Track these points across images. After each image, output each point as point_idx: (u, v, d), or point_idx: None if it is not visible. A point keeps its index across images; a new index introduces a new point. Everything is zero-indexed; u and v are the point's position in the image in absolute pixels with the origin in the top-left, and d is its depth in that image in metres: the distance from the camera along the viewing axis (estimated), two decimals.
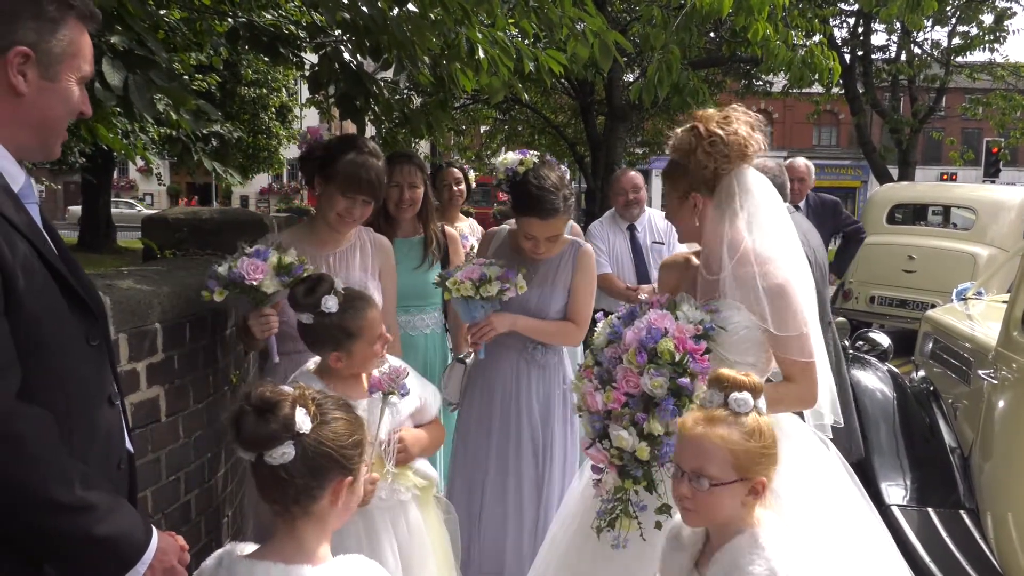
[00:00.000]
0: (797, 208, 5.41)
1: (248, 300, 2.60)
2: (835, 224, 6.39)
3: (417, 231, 3.66)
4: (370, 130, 5.55)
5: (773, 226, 2.29)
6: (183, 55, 6.38)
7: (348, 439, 1.58)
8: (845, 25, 16.56)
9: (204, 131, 3.78)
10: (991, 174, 17.76)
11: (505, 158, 3.07)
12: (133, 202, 35.65)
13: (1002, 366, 3.25)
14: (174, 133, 3.97)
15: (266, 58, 4.06)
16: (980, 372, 3.48)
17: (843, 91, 16.06)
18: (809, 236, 3.82)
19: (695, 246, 2.47)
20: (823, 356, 2.32)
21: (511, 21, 4.10)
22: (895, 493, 3.51)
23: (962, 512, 3.35)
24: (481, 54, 3.45)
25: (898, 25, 14.42)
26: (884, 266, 8.67)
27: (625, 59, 8.23)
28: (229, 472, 3.08)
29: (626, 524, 2.11)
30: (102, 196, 19.13)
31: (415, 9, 3.38)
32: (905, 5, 5.99)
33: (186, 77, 6.31)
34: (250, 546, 1.62)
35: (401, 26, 3.27)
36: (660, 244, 5.01)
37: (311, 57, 3.93)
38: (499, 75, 3.62)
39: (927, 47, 17.92)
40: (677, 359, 2.03)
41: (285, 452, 1.50)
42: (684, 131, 2.28)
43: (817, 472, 2.25)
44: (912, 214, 9.94)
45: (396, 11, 3.36)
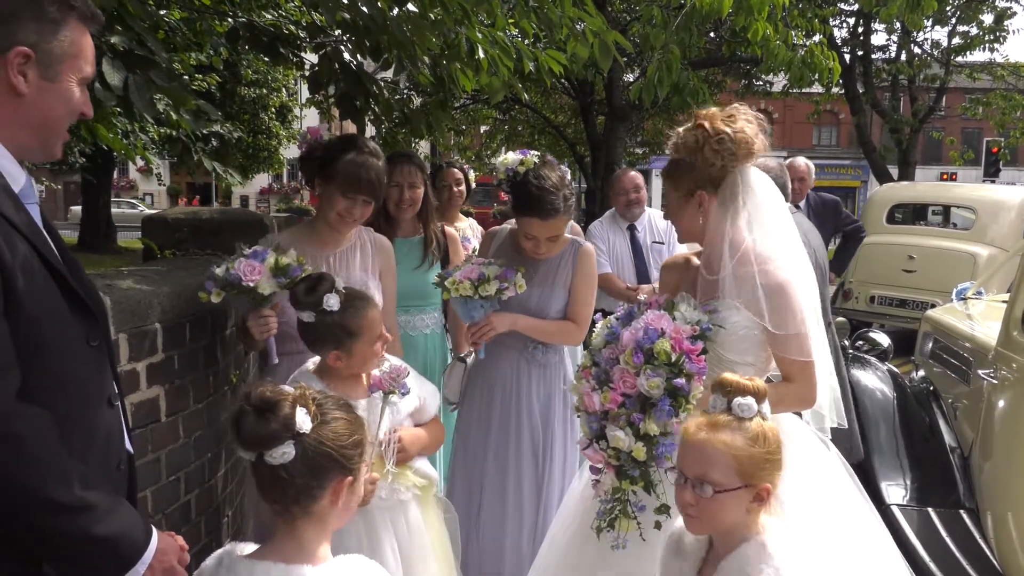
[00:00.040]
0: (797, 208, 5.41)
1: (247, 301, 2.60)
2: (835, 224, 6.40)
3: (417, 231, 3.67)
4: (370, 130, 5.56)
5: (774, 225, 2.28)
6: (183, 55, 6.39)
7: (348, 439, 1.58)
8: (845, 25, 16.58)
9: (204, 131, 3.78)
10: (991, 174, 17.75)
11: (505, 158, 3.06)
12: (135, 202, 35.65)
13: (1002, 366, 3.25)
14: (174, 133, 3.98)
15: (266, 58, 4.06)
16: (980, 372, 3.48)
17: (843, 91, 16.07)
18: (810, 236, 3.81)
19: (696, 246, 2.47)
20: (825, 357, 2.32)
21: (511, 21, 4.10)
22: (895, 493, 3.51)
23: (962, 512, 3.35)
24: (481, 54, 3.45)
25: (898, 25, 14.43)
26: (884, 266, 8.67)
27: (625, 59, 8.24)
28: (229, 472, 3.08)
29: (624, 525, 2.11)
30: (102, 196, 19.14)
31: (415, 9, 3.38)
32: (905, 5, 5.99)
33: (186, 77, 6.31)
34: (250, 546, 1.62)
35: (401, 26, 3.27)
36: (660, 244, 5.01)
37: (311, 57, 3.93)
38: (499, 75, 3.62)
39: (927, 47, 17.94)
40: (673, 360, 2.03)
41: (285, 452, 1.50)
42: (688, 129, 2.26)
43: (818, 472, 2.24)
44: (912, 214, 9.95)
45: (396, 11, 3.36)
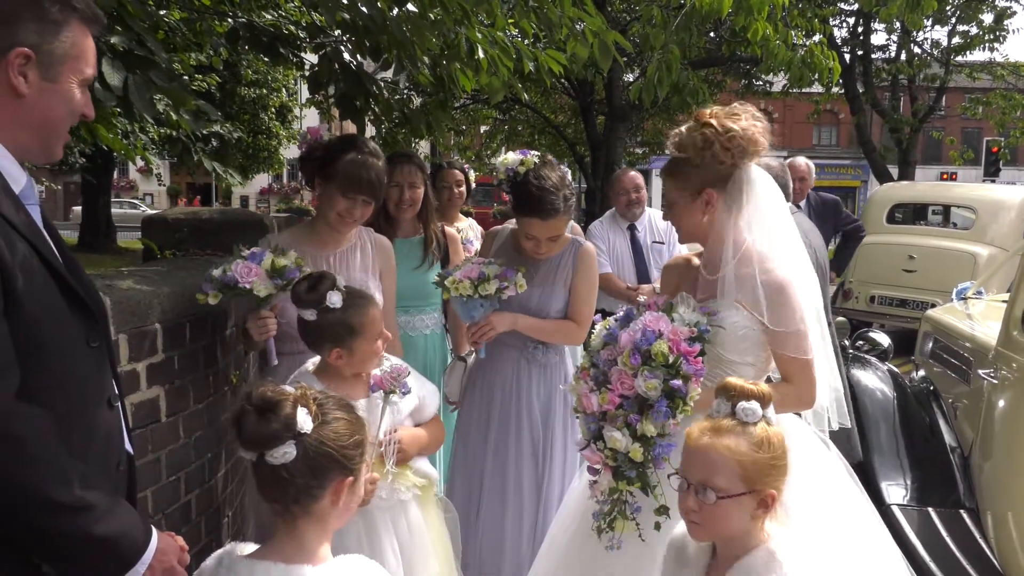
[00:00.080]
0: (798, 207, 5.41)
1: (246, 301, 2.60)
2: (835, 223, 6.41)
3: (417, 231, 3.66)
4: (370, 130, 5.56)
5: (775, 224, 2.27)
6: (183, 55, 6.39)
7: (349, 439, 1.58)
8: (845, 25, 16.59)
9: (204, 131, 3.77)
10: (991, 173, 17.76)
11: (505, 158, 3.06)
12: (136, 202, 35.65)
13: (1002, 366, 3.24)
14: (174, 133, 3.97)
15: (266, 58, 4.06)
16: (980, 372, 3.48)
17: (843, 91, 16.07)
18: (810, 236, 3.81)
19: (696, 247, 2.46)
20: (827, 357, 2.31)
21: (511, 21, 4.10)
22: (895, 493, 3.50)
23: (962, 512, 3.35)
24: (481, 54, 3.45)
25: (898, 25, 14.43)
26: (884, 266, 8.67)
27: (625, 59, 8.24)
28: (229, 472, 3.08)
29: (622, 526, 2.11)
30: (102, 196, 19.15)
31: (415, 9, 3.38)
32: (905, 4, 5.99)
33: (186, 77, 6.31)
34: (250, 546, 1.62)
35: (401, 26, 3.27)
36: (660, 244, 5.01)
37: (311, 57, 3.93)
38: (499, 75, 3.62)
39: (927, 47, 17.94)
40: (671, 361, 2.03)
41: (286, 452, 1.51)
42: (691, 128, 2.22)
43: (818, 472, 2.24)
44: (912, 214, 9.95)
45: (396, 11, 3.36)
